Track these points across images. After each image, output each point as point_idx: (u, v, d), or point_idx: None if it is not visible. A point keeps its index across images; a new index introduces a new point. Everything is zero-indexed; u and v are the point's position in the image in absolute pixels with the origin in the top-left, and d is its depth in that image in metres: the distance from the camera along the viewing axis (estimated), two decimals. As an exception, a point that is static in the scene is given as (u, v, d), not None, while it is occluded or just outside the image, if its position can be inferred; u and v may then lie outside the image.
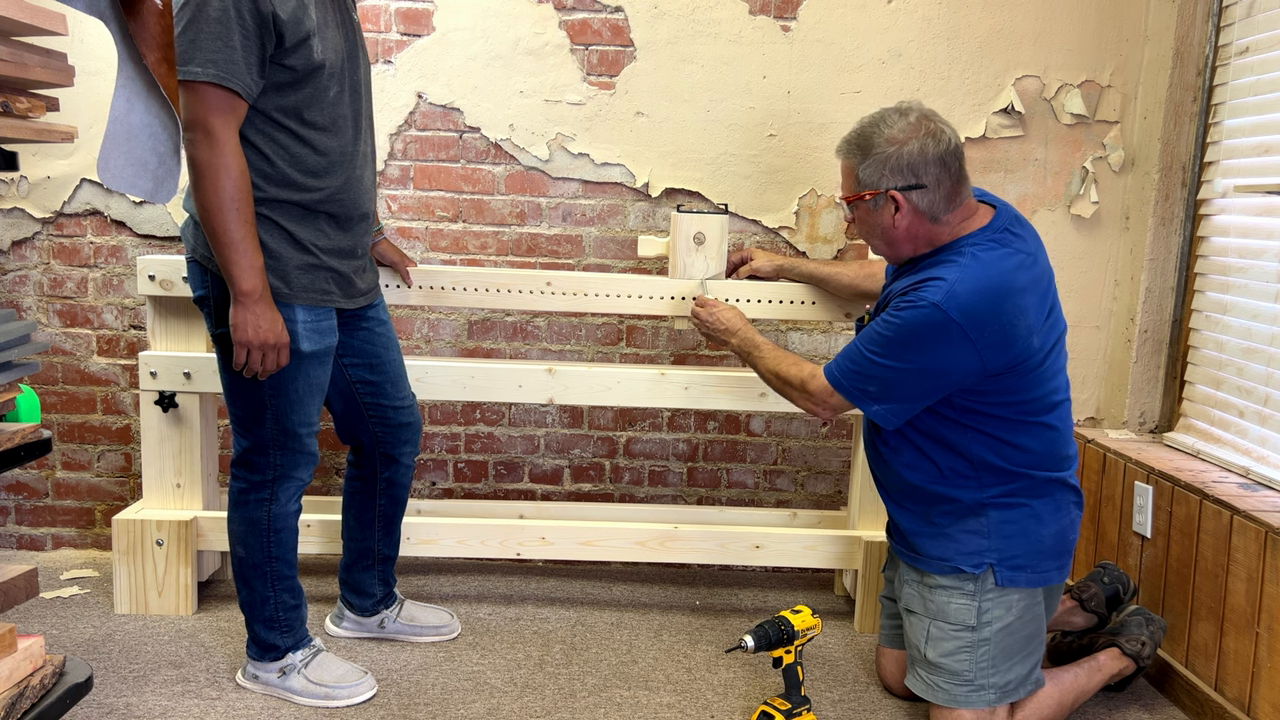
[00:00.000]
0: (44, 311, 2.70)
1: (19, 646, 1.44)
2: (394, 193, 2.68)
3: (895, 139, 1.78)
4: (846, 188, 1.89)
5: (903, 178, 1.78)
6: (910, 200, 1.79)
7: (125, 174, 1.93)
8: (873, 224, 1.86)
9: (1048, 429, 1.86)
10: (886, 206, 1.81)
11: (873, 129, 1.81)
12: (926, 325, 1.72)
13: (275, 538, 1.98)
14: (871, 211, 1.84)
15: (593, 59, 2.63)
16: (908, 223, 1.81)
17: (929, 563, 1.92)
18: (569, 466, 2.83)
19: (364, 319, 2.08)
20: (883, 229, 1.84)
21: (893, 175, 1.78)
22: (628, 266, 2.71)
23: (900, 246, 1.86)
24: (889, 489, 2.00)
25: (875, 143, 1.80)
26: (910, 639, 1.97)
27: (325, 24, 1.80)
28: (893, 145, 1.78)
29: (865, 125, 1.83)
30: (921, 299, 1.73)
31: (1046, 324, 1.82)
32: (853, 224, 1.92)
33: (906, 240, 1.84)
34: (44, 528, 2.80)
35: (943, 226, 1.82)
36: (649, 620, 2.46)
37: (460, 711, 1.99)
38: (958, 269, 1.74)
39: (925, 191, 1.78)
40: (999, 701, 1.87)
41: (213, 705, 1.98)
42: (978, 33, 2.62)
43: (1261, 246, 2.23)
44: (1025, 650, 1.89)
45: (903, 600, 2.00)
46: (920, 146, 1.76)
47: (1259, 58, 2.29)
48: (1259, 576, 1.91)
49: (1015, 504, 1.86)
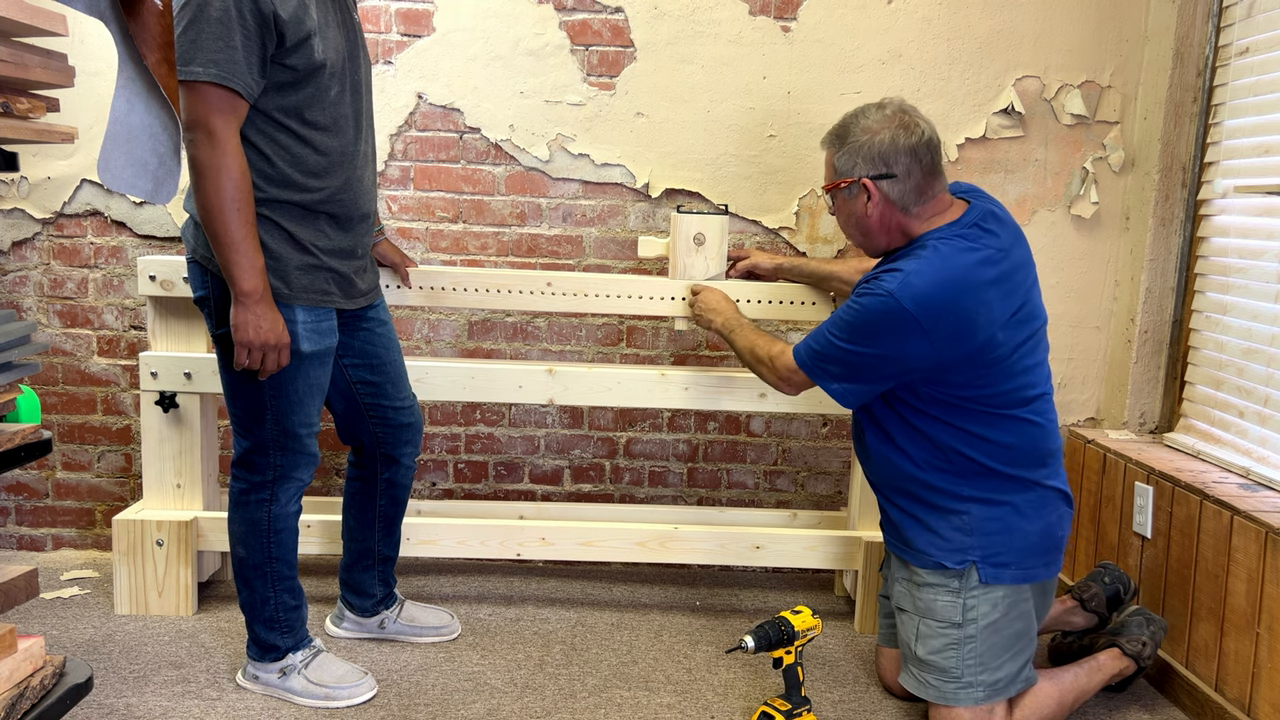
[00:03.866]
0: (44, 312, 2.70)
1: (19, 647, 1.44)
2: (394, 193, 2.68)
3: (869, 129, 1.85)
4: (826, 178, 1.96)
5: (874, 166, 1.84)
6: (881, 189, 1.85)
7: (125, 174, 1.94)
8: (849, 213, 1.92)
9: (1025, 423, 1.87)
10: (860, 195, 1.87)
11: (851, 120, 1.89)
12: (882, 312, 1.77)
13: (275, 538, 1.98)
14: (847, 200, 1.90)
15: (593, 59, 2.63)
16: (880, 212, 1.87)
17: (917, 556, 1.94)
18: (569, 467, 2.83)
19: (364, 319, 2.08)
20: (857, 218, 1.90)
21: (865, 163, 1.85)
22: (628, 267, 2.71)
23: (875, 237, 1.92)
24: (876, 481, 2.03)
25: (851, 133, 1.87)
26: (902, 637, 1.99)
27: (326, 24, 1.80)
28: (866, 135, 1.85)
29: (845, 118, 1.91)
30: (879, 287, 1.79)
31: (1016, 318, 1.83)
32: (834, 215, 1.98)
33: (880, 230, 1.90)
34: (44, 528, 2.80)
35: (914, 219, 1.87)
36: (649, 621, 2.46)
37: (460, 712, 1.99)
38: (916, 260, 1.80)
39: (895, 181, 1.84)
40: (988, 700, 1.88)
41: (213, 706, 1.98)
42: (977, 33, 2.62)
43: (1261, 247, 2.23)
44: (1015, 647, 1.89)
45: (894, 598, 2.02)
46: (892, 137, 1.83)
47: (1259, 58, 2.29)
48: (1259, 577, 1.91)
49: (997, 501, 1.88)
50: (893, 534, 2.02)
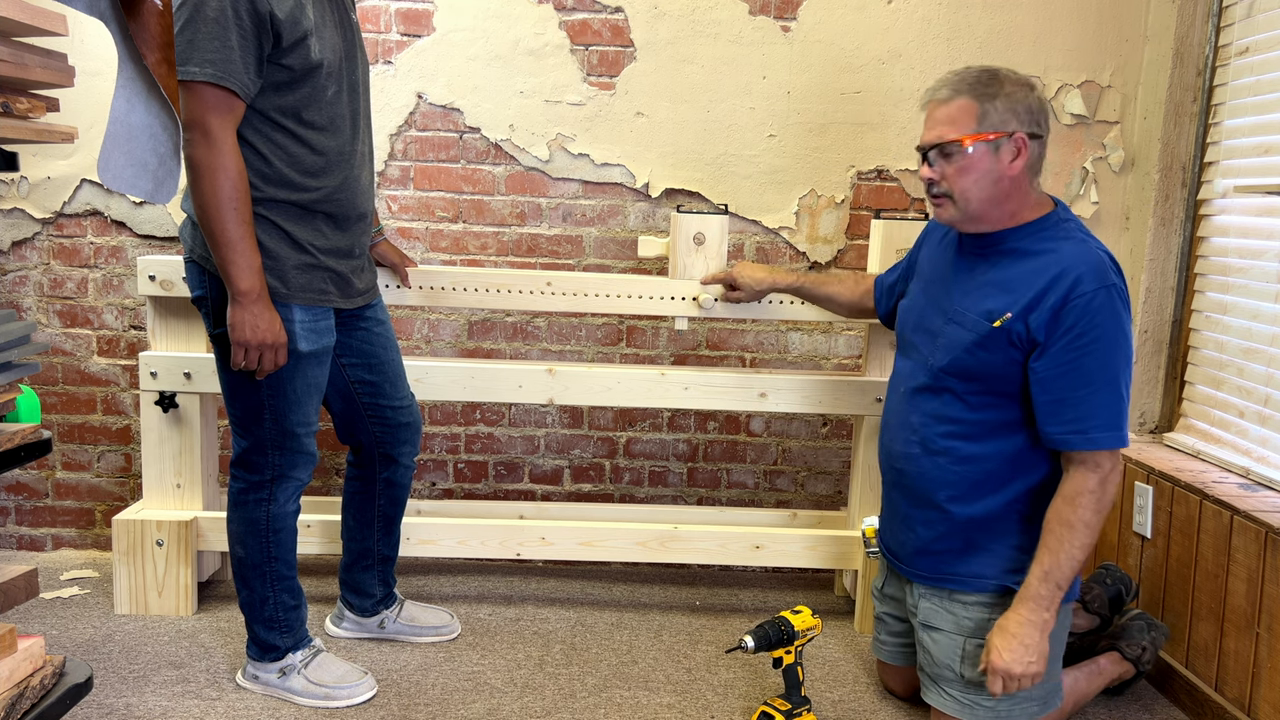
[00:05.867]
0: (44, 312, 2.70)
1: (19, 647, 1.44)
2: (394, 193, 2.68)
3: (1021, 83, 1.74)
4: (963, 127, 1.73)
5: (1030, 123, 1.73)
6: (1030, 149, 1.73)
7: (125, 174, 1.94)
8: (986, 170, 1.73)
9: None
10: (1007, 151, 1.73)
11: (993, 72, 1.74)
12: (1110, 310, 1.68)
13: (274, 538, 1.98)
14: (990, 156, 1.73)
15: (593, 59, 2.63)
16: (1017, 174, 1.74)
17: (963, 581, 1.84)
18: (569, 467, 2.83)
19: (362, 319, 2.07)
20: (995, 177, 1.73)
21: (1021, 119, 1.72)
22: (628, 267, 2.71)
23: (1002, 202, 1.76)
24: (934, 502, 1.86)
25: (1003, 84, 1.73)
26: (935, 658, 1.86)
27: (323, 23, 1.80)
28: (1019, 89, 1.73)
29: (981, 70, 1.75)
30: (1080, 293, 1.67)
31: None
32: (939, 175, 1.77)
33: (1011, 196, 1.76)
34: (44, 528, 2.80)
35: (1030, 193, 1.78)
36: (649, 620, 2.46)
37: (460, 712, 1.99)
38: (1075, 244, 1.72)
39: (1041, 143, 1.75)
40: (1042, 712, 1.80)
41: (213, 706, 1.98)
42: (977, 33, 2.62)
43: (1261, 247, 2.23)
44: (1061, 655, 1.84)
45: (920, 616, 1.90)
46: (1040, 97, 1.74)
47: (1259, 58, 2.29)
48: (1259, 577, 1.91)
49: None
50: (915, 564, 1.91)
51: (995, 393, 1.80)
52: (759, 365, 2.78)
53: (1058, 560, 1.71)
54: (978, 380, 1.80)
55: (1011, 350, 1.75)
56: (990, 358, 1.77)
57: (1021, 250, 1.77)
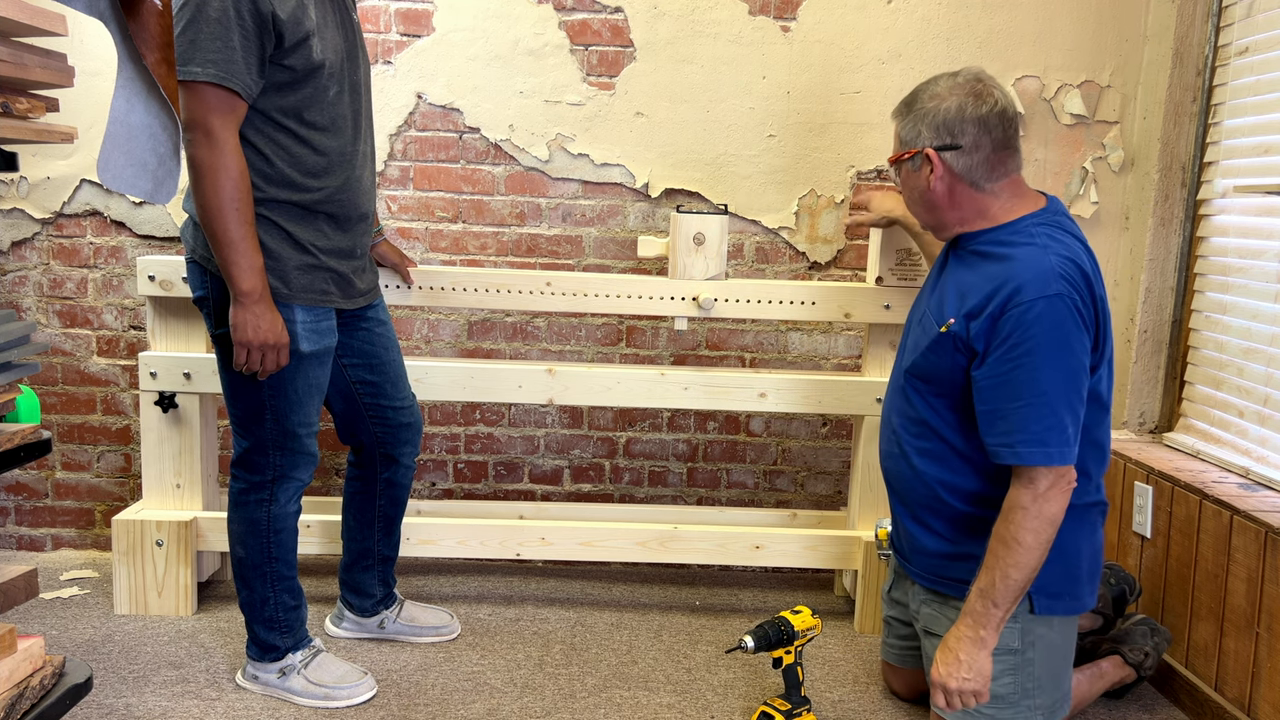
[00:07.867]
0: (44, 312, 2.70)
1: (19, 647, 1.43)
2: (394, 193, 2.68)
3: (937, 95, 1.72)
4: (895, 149, 1.81)
5: (938, 136, 1.71)
6: (945, 161, 1.71)
7: (125, 174, 1.94)
8: (913, 187, 1.78)
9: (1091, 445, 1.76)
10: (923, 167, 1.74)
11: (921, 88, 1.76)
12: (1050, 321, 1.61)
13: (275, 538, 1.98)
14: (911, 173, 1.77)
15: (592, 59, 2.63)
16: (945, 186, 1.73)
17: (954, 586, 1.81)
18: (569, 467, 2.83)
19: (364, 319, 2.08)
20: (921, 192, 1.77)
21: (929, 133, 1.71)
22: (628, 267, 2.71)
23: (943, 214, 1.77)
24: (920, 504, 1.85)
25: (919, 100, 1.74)
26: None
27: (325, 24, 1.80)
28: (933, 102, 1.71)
29: (918, 86, 1.78)
30: (1018, 303, 1.61)
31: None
32: (901, 192, 1.85)
33: (949, 207, 1.76)
34: (44, 528, 2.80)
35: (990, 196, 1.73)
36: (649, 620, 2.46)
37: (460, 712, 1.99)
38: (1032, 250, 1.66)
39: (961, 153, 1.70)
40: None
41: (213, 706, 1.98)
42: (977, 33, 2.62)
43: (1261, 247, 2.23)
44: (1068, 664, 1.82)
45: (922, 622, 1.89)
46: (959, 105, 1.69)
47: (1259, 58, 2.29)
48: (1259, 576, 1.91)
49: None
50: (919, 565, 1.89)
51: (949, 396, 1.78)
52: (759, 365, 2.78)
53: (992, 578, 1.65)
54: (933, 383, 1.79)
55: (957, 356, 1.73)
56: (939, 361, 1.76)
57: (984, 253, 1.75)
